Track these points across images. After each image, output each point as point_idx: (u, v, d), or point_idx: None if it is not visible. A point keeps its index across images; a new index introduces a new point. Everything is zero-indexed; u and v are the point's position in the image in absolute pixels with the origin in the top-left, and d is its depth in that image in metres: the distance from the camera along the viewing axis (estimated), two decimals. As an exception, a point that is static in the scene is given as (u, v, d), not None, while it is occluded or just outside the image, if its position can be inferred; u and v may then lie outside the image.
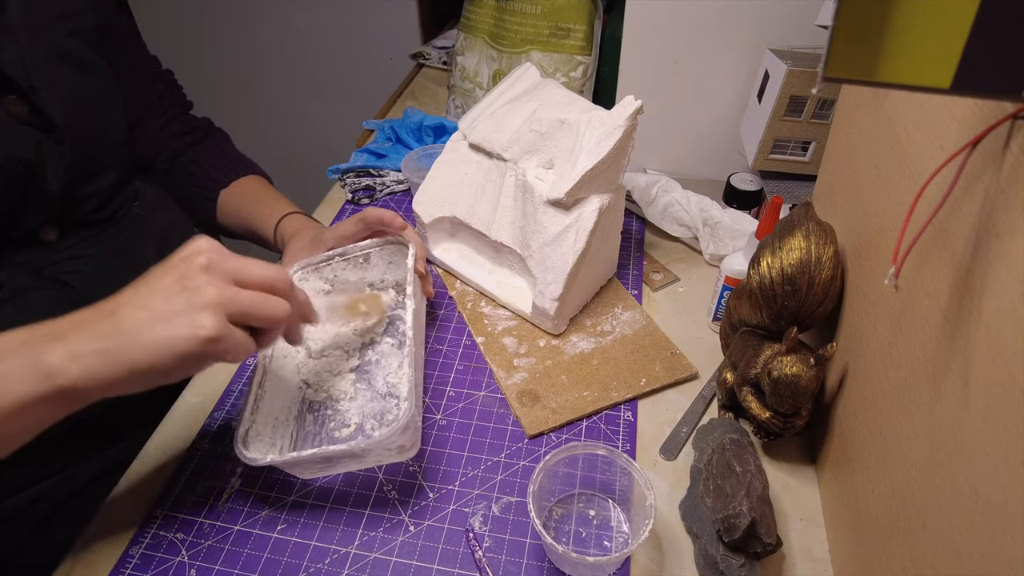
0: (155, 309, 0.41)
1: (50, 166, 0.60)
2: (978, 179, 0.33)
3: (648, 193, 0.80)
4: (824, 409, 0.57)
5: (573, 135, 0.65)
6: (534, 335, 0.69)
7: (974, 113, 0.34)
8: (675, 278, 0.78)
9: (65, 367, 0.39)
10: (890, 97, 0.48)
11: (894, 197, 0.45)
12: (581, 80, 0.99)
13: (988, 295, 0.31)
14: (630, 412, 0.62)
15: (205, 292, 0.42)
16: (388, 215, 0.64)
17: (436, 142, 0.99)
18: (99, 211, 0.68)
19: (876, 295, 0.47)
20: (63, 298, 0.62)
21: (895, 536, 0.39)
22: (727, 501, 0.48)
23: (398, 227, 0.64)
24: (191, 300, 0.41)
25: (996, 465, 0.29)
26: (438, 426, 0.61)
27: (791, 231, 0.53)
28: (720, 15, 0.78)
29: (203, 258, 0.43)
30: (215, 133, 0.87)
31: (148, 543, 0.53)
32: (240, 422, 0.52)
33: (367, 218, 0.65)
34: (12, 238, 0.60)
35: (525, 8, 0.97)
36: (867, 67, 0.27)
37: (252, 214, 0.79)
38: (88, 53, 0.67)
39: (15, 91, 0.59)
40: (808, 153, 0.77)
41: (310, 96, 1.79)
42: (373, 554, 0.52)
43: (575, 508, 0.55)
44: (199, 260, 0.43)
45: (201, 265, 0.43)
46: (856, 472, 0.47)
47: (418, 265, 0.63)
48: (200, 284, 0.42)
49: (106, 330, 0.41)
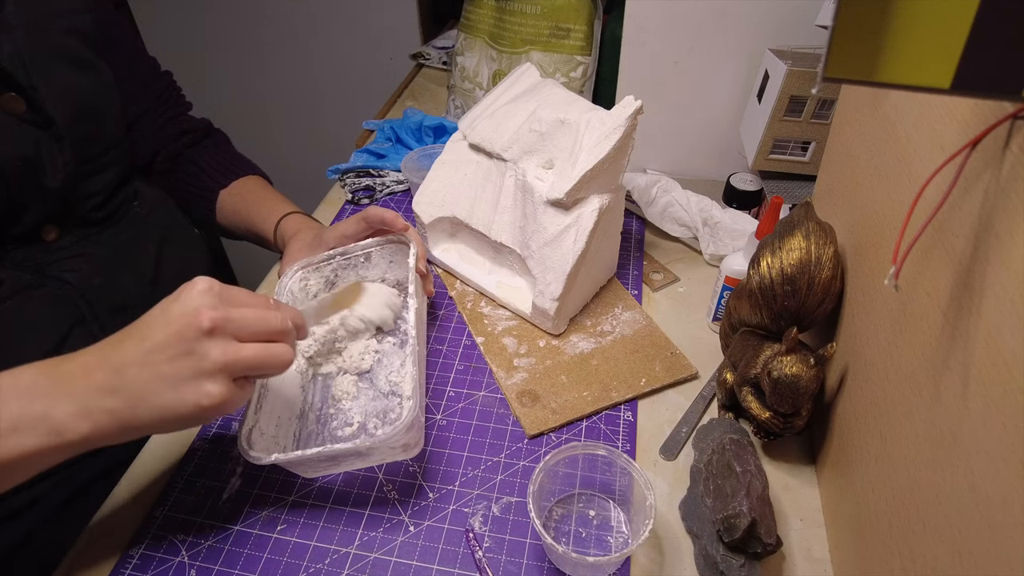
0: (161, 372, 0.42)
1: (49, 164, 0.60)
2: (978, 179, 0.33)
3: (648, 193, 0.80)
4: (824, 409, 0.57)
5: (573, 135, 0.65)
6: (534, 335, 0.69)
7: (974, 113, 0.34)
8: (675, 278, 0.78)
9: (76, 425, 0.41)
10: (890, 97, 0.48)
11: (894, 197, 0.45)
12: (581, 80, 0.99)
13: (988, 295, 0.31)
14: (630, 412, 0.62)
15: (211, 357, 0.42)
16: (390, 215, 0.64)
17: (436, 142, 0.99)
18: (99, 210, 0.68)
19: (876, 295, 0.47)
20: (63, 296, 0.62)
21: (895, 536, 0.39)
22: (727, 501, 0.48)
23: (400, 228, 0.64)
24: (197, 367, 0.42)
25: (996, 465, 0.29)
26: (438, 426, 0.61)
27: (791, 231, 0.53)
28: (720, 15, 0.78)
29: (206, 321, 0.42)
30: (214, 134, 0.87)
31: (148, 543, 0.53)
32: (243, 422, 0.52)
33: (369, 217, 0.65)
34: (12, 236, 0.60)
35: (525, 8, 0.97)
36: (867, 67, 0.27)
37: (252, 214, 0.79)
38: (87, 52, 0.67)
39: (13, 88, 0.59)
40: (808, 153, 0.77)
41: (310, 96, 1.79)
42: (373, 554, 0.52)
43: (575, 508, 0.55)
44: (202, 323, 0.42)
45: (205, 329, 0.42)
46: (856, 472, 0.47)
47: (419, 265, 0.63)
48: (205, 350, 0.42)
49: (114, 386, 0.42)
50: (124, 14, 1.67)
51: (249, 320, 0.44)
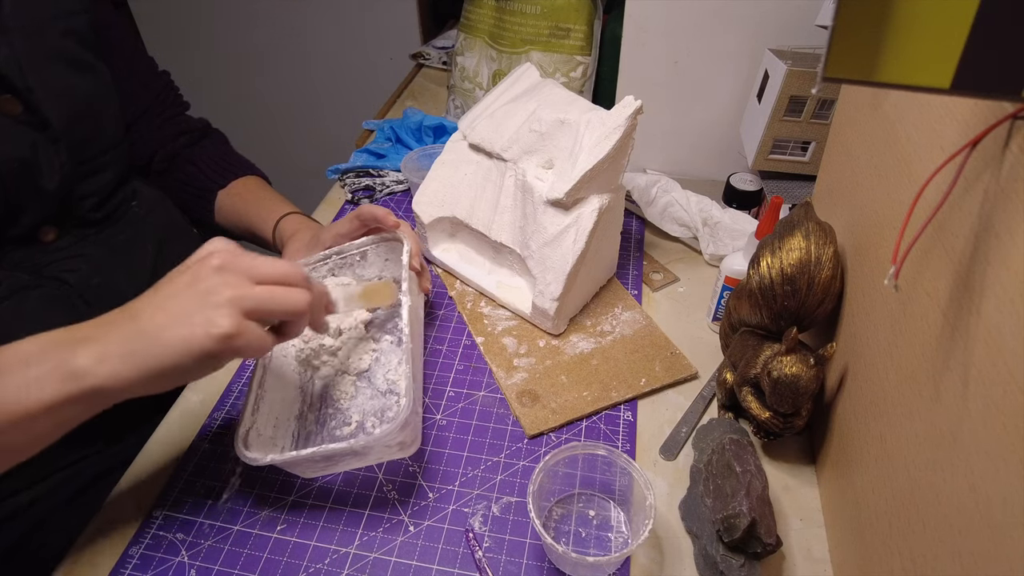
0: (172, 311, 0.43)
1: (46, 165, 0.60)
2: (978, 179, 0.33)
3: (648, 193, 0.80)
4: (824, 409, 0.57)
5: (573, 135, 0.65)
6: (534, 335, 0.69)
7: (974, 113, 0.34)
8: (675, 278, 0.78)
9: (93, 369, 0.41)
10: (890, 97, 0.48)
11: (894, 197, 0.45)
12: (581, 80, 0.99)
13: (988, 295, 0.31)
14: (630, 412, 0.62)
15: (219, 291, 0.43)
16: (381, 212, 0.64)
17: (436, 142, 0.99)
18: (97, 210, 0.68)
19: (876, 295, 0.47)
20: (61, 297, 0.62)
21: (895, 536, 0.39)
22: (727, 501, 0.48)
23: (391, 225, 0.64)
24: (206, 299, 0.43)
25: (996, 465, 0.29)
26: (438, 426, 0.61)
27: (791, 231, 0.53)
28: (720, 15, 0.78)
29: (216, 259, 0.44)
30: (212, 134, 0.86)
31: (148, 543, 0.53)
32: (241, 422, 0.52)
33: (362, 215, 0.65)
34: (10, 237, 0.60)
35: (525, 8, 0.97)
36: (867, 67, 0.27)
37: (250, 215, 0.79)
38: (84, 53, 0.67)
39: (9, 90, 0.59)
40: (808, 153, 0.77)
41: (310, 96, 1.79)
42: (373, 554, 0.52)
43: (575, 508, 0.55)
44: (213, 261, 0.44)
45: (215, 266, 0.44)
46: (856, 472, 0.47)
47: (413, 261, 0.63)
48: (214, 284, 0.43)
49: (129, 332, 0.42)
50: (124, 14, 1.67)
51: (261, 265, 0.45)
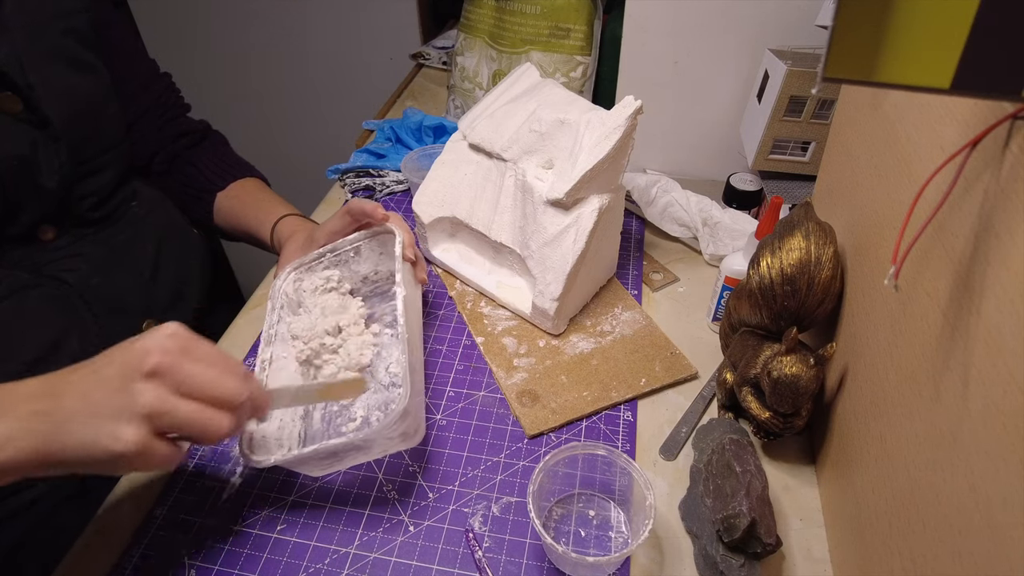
0: (91, 402, 0.40)
1: (45, 163, 0.60)
2: (978, 179, 0.33)
3: (648, 193, 0.80)
4: (824, 409, 0.57)
5: (573, 135, 0.65)
6: (534, 335, 0.69)
7: (974, 113, 0.34)
8: (675, 278, 0.78)
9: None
10: (890, 97, 0.48)
11: (894, 197, 0.45)
12: (581, 80, 0.99)
13: (988, 295, 0.31)
14: (630, 412, 0.62)
15: (139, 401, 0.40)
16: (370, 206, 0.63)
17: (436, 142, 0.99)
18: (97, 210, 0.68)
19: (876, 295, 0.47)
20: (61, 296, 0.62)
21: (895, 536, 0.39)
22: (727, 501, 0.48)
23: (379, 218, 0.63)
24: (123, 407, 0.40)
25: (996, 465, 0.29)
26: (438, 426, 0.61)
27: (791, 231, 0.53)
28: (720, 15, 0.78)
29: (154, 359, 0.40)
30: (212, 136, 0.86)
31: (148, 543, 0.53)
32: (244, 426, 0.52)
33: (352, 210, 0.64)
34: (9, 236, 0.60)
35: (525, 8, 0.97)
36: (867, 67, 0.27)
37: (249, 217, 0.79)
38: (85, 53, 0.67)
39: (10, 88, 0.59)
40: (808, 153, 0.77)
41: (309, 96, 1.79)
42: (373, 554, 0.52)
43: (575, 508, 0.55)
44: (150, 360, 0.40)
45: (148, 369, 0.40)
46: (856, 472, 0.47)
47: (407, 252, 0.62)
48: (138, 390, 0.40)
49: (47, 410, 0.40)
50: (124, 14, 1.67)
51: (198, 377, 0.42)
